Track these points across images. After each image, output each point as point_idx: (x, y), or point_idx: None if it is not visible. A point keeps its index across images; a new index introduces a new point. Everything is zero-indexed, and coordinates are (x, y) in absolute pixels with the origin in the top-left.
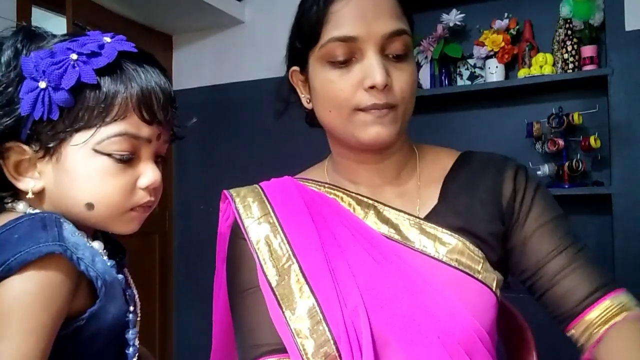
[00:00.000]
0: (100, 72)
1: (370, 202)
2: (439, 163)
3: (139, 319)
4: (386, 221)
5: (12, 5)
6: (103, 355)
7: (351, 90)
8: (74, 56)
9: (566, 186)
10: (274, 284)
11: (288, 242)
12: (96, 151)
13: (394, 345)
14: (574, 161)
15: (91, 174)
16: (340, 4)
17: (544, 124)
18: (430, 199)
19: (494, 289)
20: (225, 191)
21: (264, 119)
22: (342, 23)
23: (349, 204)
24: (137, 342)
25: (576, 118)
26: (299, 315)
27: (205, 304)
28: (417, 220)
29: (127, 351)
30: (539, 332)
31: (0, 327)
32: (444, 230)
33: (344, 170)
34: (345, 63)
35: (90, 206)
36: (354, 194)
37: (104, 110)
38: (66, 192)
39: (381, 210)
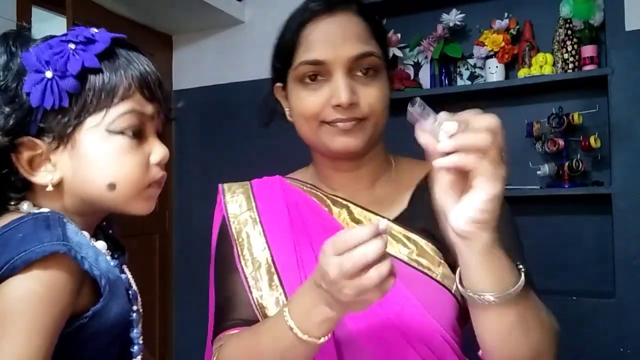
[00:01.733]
0: (99, 57)
1: (344, 202)
2: (413, 172)
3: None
4: (357, 221)
5: (12, 5)
6: (105, 353)
7: (319, 106)
8: (72, 45)
9: (566, 186)
10: (247, 272)
11: (265, 237)
12: (109, 131)
13: (355, 337)
14: (574, 161)
15: (109, 155)
16: (310, 29)
17: (544, 124)
18: (401, 204)
19: (452, 290)
20: (220, 186)
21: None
22: (311, 47)
23: (326, 204)
24: (141, 341)
25: (576, 118)
26: (267, 301)
27: (205, 304)
28: (385, 221)
29: (131, 349)
30: None
31: (4, 326)
32: (408, 232)
33: (323, 178)
34: (316, 82)
35: (112, 186)
36: (330, 195)
37: (110, 91)
38: (85, 176)
39: (353, 210)
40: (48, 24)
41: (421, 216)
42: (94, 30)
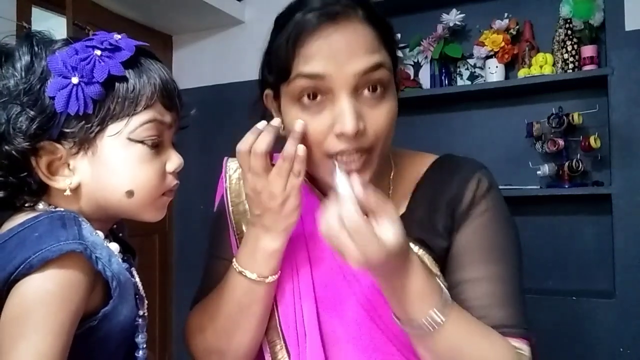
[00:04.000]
0: (124, 64)
1: None
2: (412, 171)
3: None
4: None
5: (12, 5)
6: (114, 357)
7: (321, 135)
8: (98, 52)
9: (566, 186)
10: None
11: None
12: (130, 140)
13: (344, 344)
14: (574, 161)
15: (129, 162)
16: (310, 38)
17: (544, 124)
18: (399, 208)
19: None
20: (225, 161)
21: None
22: (310, 59)
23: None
24: (146, 346)
25: (576, 118)
26: None
27: None
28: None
29: (137, 354)
30: (538, 332)
31: (21, 326)
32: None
33: (319, 179)
34: (315, 102)
35: (130, 194)
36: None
37: (134, 100)
38: (105, 182)
39: None
40: (48, 24)
41: (418, 222)
42: (117, 36)
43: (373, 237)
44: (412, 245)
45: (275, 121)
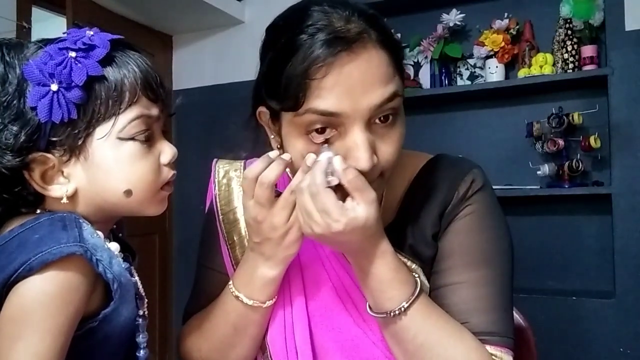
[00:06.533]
0: (101, 62)
1: None
2: (404, 175)
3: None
4: None
5: (12, 5)
6: (114, 358)
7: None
8: (73, 53)
9: (566, 186)
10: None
11: None
12: (120, 139)
13: (332, 348)
14: (574, 161)
15: (123, 162)
16: (324, 70)
17: (544, 124)
18: (389, 215)
19: None
20: (213, 166)
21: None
22: (324, 94)
23: None
24: (146, 345)
25: (576, 118)
26: None
27: None
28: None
29: (138, 354)
30: (538, 332)
31: (20, 327)
32: (395, 250)
33: None
34: (323, 135)
35: (128, 193)
36: None
37: (117, 98)
38: (102, 185)
39: None
40: (48, 24)
41: (407, 229)
42: (90, 32)
43: (334, 203)
44: (406, 260)
45: (287, 155)
